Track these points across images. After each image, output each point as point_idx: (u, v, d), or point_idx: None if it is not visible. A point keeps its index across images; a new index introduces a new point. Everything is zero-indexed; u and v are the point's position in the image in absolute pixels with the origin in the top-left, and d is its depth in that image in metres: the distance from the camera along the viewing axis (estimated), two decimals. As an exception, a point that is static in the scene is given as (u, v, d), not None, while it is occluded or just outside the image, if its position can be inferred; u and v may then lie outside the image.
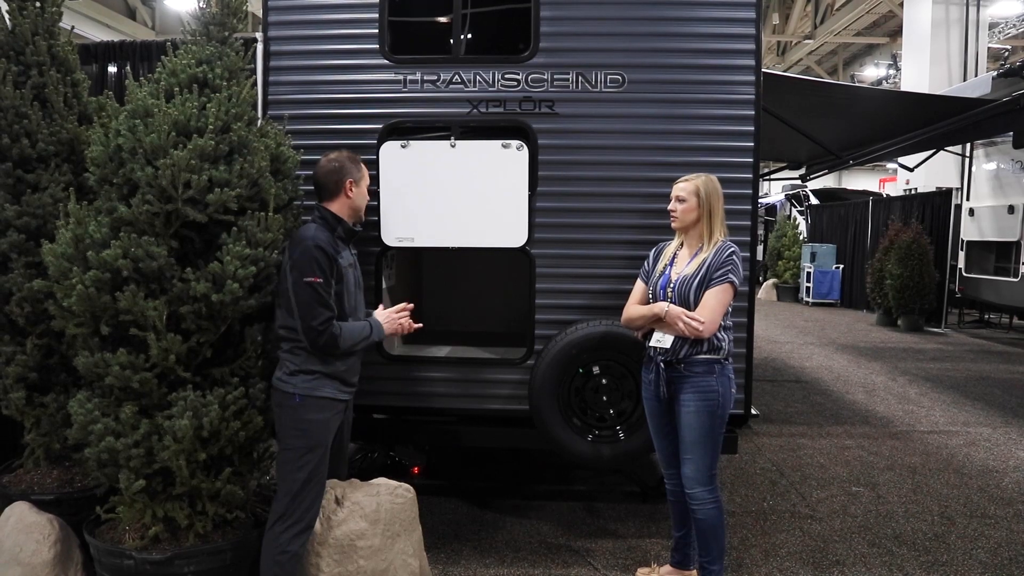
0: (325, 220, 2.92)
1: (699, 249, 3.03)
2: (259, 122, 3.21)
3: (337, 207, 2.93)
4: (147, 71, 3.95)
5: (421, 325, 3.16)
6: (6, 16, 3.37)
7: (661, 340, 2.99)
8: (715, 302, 2.91)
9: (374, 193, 3.66)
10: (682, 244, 3.12)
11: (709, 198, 3.01)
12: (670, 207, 3.08)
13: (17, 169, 3.30)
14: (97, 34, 12.86)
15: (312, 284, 2.72)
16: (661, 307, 2.97)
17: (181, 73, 2.95)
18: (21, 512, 3.08)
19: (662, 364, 3.00)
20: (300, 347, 2.78)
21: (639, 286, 3.18)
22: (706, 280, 2.93)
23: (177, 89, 2.91)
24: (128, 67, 3.86)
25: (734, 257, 2.96)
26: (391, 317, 3.00)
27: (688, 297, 2.95)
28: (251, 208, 2.90)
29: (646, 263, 3.20)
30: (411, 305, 3.09)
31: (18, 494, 3.25)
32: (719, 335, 2.95)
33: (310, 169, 3.53)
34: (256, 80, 3.53)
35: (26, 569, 2.96)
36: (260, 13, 3.81)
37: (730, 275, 2.92)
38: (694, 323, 2.86)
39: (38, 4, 3.41)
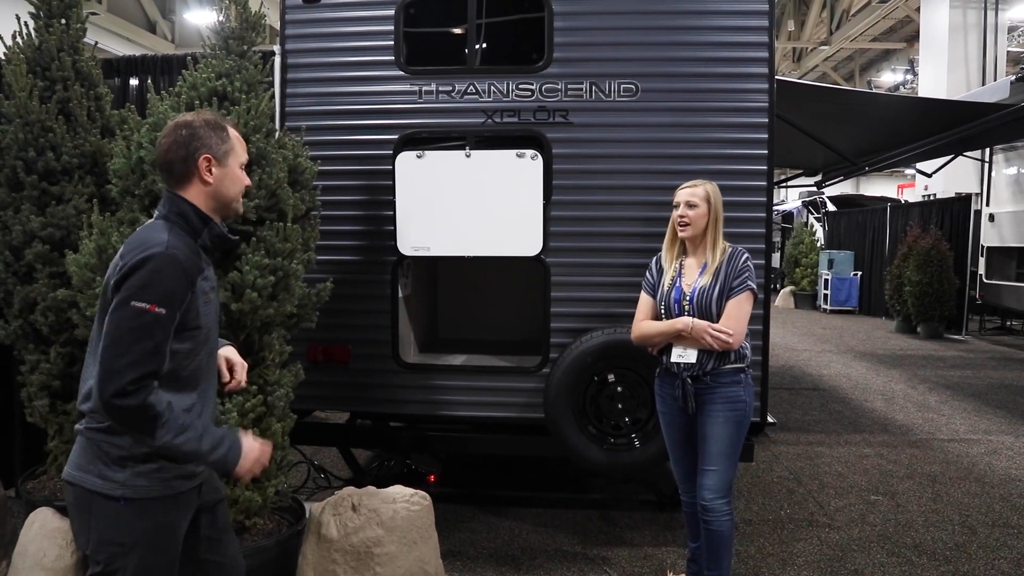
0: (184, 218, 1.90)
1: (708, 258, 2.92)
2: (277, 134, 3.26)
3: (194, 196, 1.93)
4: (168, 84, 4.03)
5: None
6: (33, 33, 3.46)
7: (684, 355, 2.87)
8: (739, 311, 2.82)
9: (390, 203, 3.70)
10: (686, 253, 3.00)
11: (717, 203, 2.93)
12: (679, 213, 2.93)
13: (42, 182, 3.37)
14: (118, 47, 13.06)
15: (143, 313, 1.73)
16: (685, 323, 2.85)
17: (201, 86, 3.01)
18: (44, 518, 3.12)
19: (688, 380, 2.89)
20: None
21: (646, 300, 3.04)
22: (726, 290, 2.84)
23: (197, 102, 2.97)
24: (149, 81, 3.94)
25: (749, 263, 2.88)
26: (259, 456, 1.96)
27: (709, 309, 2.84)
28: (269, 218, 2.95)
29: (648, 275, 3.06)
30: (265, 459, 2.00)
31: (41, 500, 3.30)
32: (743, 343, 2.88)
33: (327, 180, 3.59)
34: (274, 93, 3.58)
35: (49, 574, 3.00)
36: (278, 26, 3.87)
37: (748, 282, 2.85)
38: (722, 336, 2.77)
39: (63, 21, 3.49)
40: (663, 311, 2.96)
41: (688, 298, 2.89)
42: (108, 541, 1.83)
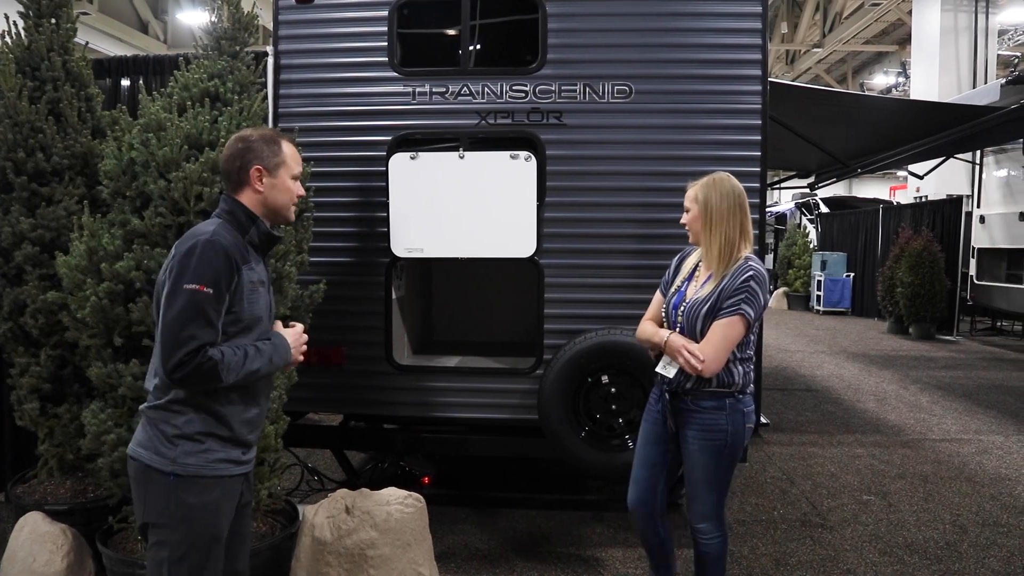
0: (233, 216, 2.11)
1: (716, 267, 2.60)
2: (270, 135, 3.24)
3: (247, 201, 2.14)
4: (160, 85, 4.01)
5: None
6: (22, 33, 3.43)
7: (666, 368, 2.64)
8: (719, 338, 2.49)
9: (383, 205, 3.69)
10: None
11: (708, 203, 2.58)
12: (682, 220, 2.74)
13: (32, 183, 3.35)
14: (110, 48, 13.00)
15: (194, 293, 1.92)
16: (662, 336, 2.62)
17: (193, 87, 2.99)
18: (35, 522, 3.10)
19: (667, 395, 2.68)
20: (186, 399, 2.00)
21: (656, 298, 2.83)
22: (715, 308, 2.52)
23: (189, 103, 2.96)
24: (141, 81, 3.92)
25: (751, 283, 2.50)
26: (298, 337, 2.23)
27: (695, 325, 2.56)
28: (262, 220, 2.93)
29: (667, 272, 2.86)
30: (305, 336, 2.31)
31: (32, 504, 3.28)
32: (732, 369, 2.57)
33: (320, 181, 3.59)
34: (267, 93, 3.57)
35: (40, 578, 2.99)
36: (271, 27, 3.86)
37: (742, 306, 2.48)
38: (693, 360, 2.47)
39: (53, 21, 3.47)
40: (663, 314, 2.76)
41: (684, 307, 2.63)
42: (158, 514, 2.00)
